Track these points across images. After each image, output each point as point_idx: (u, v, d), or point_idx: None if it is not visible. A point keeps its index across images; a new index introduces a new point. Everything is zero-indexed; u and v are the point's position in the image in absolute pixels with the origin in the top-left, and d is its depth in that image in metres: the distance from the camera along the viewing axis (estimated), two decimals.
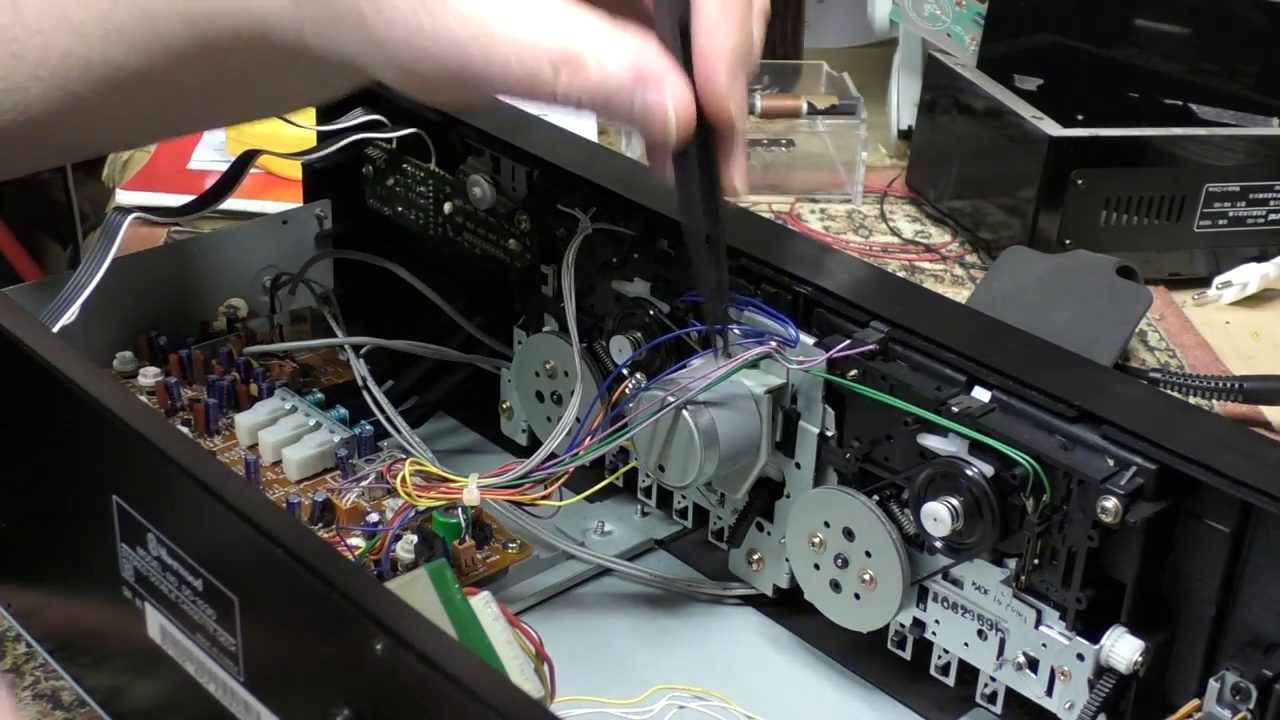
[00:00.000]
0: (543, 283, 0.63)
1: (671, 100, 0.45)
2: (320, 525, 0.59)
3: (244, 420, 0.65)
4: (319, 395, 0.66)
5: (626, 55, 0.45)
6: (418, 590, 0.45)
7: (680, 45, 0.45)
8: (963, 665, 0.53)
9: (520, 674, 0.46)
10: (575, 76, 0.45)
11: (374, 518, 0.59)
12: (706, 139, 0.47)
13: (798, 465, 0.56)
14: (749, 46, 0.46)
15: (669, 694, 0.55)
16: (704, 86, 0.46)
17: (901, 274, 0.93)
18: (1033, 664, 0.50)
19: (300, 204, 0.75)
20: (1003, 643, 0.51)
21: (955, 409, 0.50)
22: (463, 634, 0.45)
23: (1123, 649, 0.48)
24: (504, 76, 0.46)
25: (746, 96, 0.47)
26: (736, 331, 0.54)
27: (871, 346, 0.52)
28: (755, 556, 0.59)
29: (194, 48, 0.51)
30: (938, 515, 0.49)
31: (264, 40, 0.50)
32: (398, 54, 0.47)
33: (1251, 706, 0.46)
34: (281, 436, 0.63)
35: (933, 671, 0.54)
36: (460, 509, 0.57)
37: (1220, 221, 0.92)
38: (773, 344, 0.54)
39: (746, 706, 0.54)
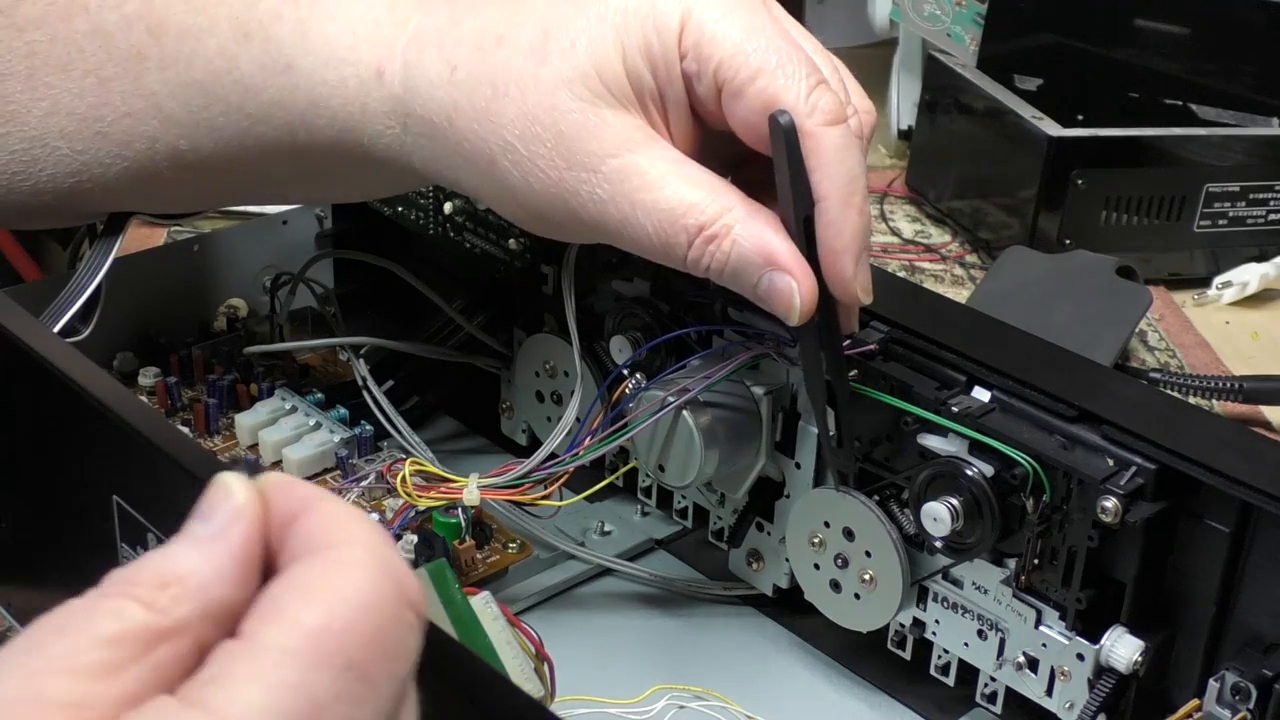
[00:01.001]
0: (543, 283, 0.63)
1: (797, 288, 0.46)
2: None
3: (244, 420, 0.65)
4: (319, 395, 0.66)
5: (758, 236, 0.46)
6: None
7: (803, 232, 0.46)
8: (963, 665, 0.53)
9: (520, 674, 0.46)
10: (706, 250, 0.46)
11: (374, 518, 0.59)
12: (830, 307, 0.48)
13: (798, 465, 0.56)
14: (868, 228, 0.47)
15: (669, 694, 0.55)
16: (830, 274, 0.47)
17: (901, 274, 0.93)
18: (1033, 664, 0.50)
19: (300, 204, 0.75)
20: (1003, 643, 0.51)
21: (955, 409, 0.50)
22: (463, 634, 0.45)
23: (1123, 649, 0.48)
24: (636, 239, 0.46)
25: (869, 273, 0.48)
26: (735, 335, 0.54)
27: (871, 346, 0.52)
28: (755, 557, 0.59)
29: (289, 151, 0.51)
30: (938, 515, 0.49)
31: (362, 154, 0.50)
32: (529, 201, 0.47)
33: (1251, 706, 0.46)
34: (282, 436, 0.63)
35: (933, 671, 0.54)
36: (460, 509, 0.57)
37: (1220, 221, 0.91)
38: (772, 344, 0.54)
39: (746, 706, 0.54)
